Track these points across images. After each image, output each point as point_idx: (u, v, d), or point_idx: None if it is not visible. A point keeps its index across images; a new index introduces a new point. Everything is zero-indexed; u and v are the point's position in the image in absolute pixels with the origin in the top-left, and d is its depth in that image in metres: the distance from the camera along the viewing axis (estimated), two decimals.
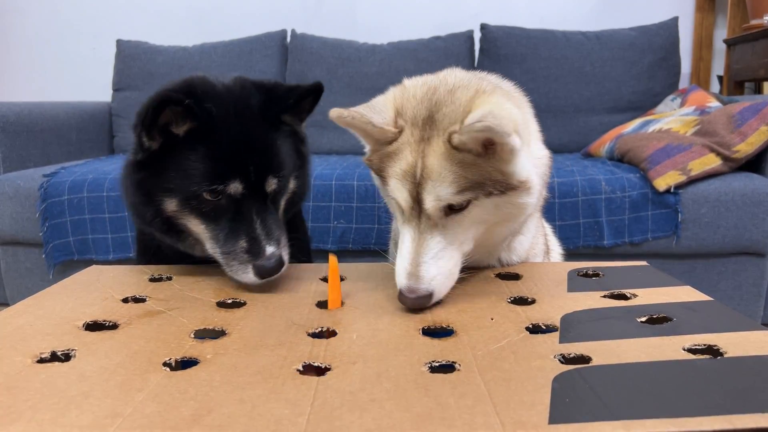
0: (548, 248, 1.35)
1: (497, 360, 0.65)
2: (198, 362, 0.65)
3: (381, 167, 0.92)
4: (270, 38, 3.21)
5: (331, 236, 2.15)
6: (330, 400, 0.56)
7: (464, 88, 0.92)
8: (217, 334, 0.74)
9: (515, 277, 1.01)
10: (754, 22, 2.87)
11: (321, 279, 1.00)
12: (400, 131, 0.90)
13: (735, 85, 3.05)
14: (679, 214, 2.06)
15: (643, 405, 0.54)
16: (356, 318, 0.80)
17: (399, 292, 0.85)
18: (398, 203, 0.91)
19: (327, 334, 0.75)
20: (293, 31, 3.20)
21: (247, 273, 0.95)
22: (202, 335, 0.74)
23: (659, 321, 0.79)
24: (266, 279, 0.95)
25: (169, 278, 1.01)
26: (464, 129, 0.82)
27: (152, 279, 1.01)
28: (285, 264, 0.98)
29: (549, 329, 0.76)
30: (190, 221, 1.00)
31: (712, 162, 2.06)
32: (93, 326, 0.78)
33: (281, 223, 1.03)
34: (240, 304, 0.87)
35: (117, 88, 3.24)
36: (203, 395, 0.57)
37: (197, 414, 0.53)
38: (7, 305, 1.53)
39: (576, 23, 3.37)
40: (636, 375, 0.61)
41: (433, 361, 0.65)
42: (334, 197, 2.14)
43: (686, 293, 0.91)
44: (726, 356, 0.67)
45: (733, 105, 2.19)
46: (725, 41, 3.13)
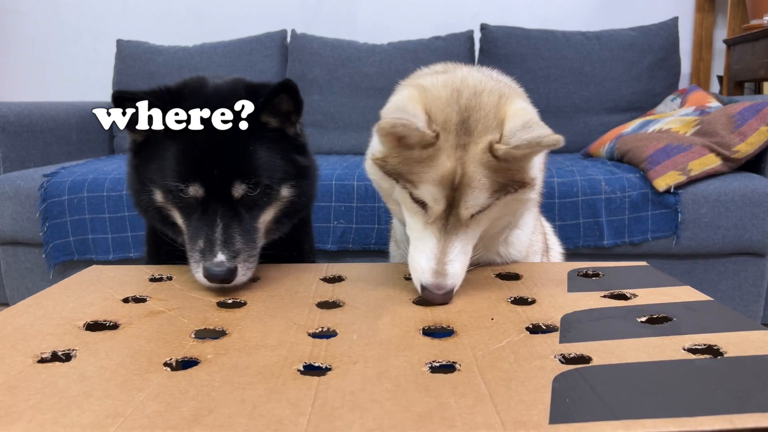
0: (547, 247, 1.35)
1: (497, 360, 0.65)
2: (199, 362, 0.65)
3: (404, 170, 0.90)
4: (270, 38, 3.21)
5: (331, 236, 2.16)
6: (331, 400, 0.56)
7: (488, 93, 0.92)
8: (218, 334, 0.75)
9: (515, 278, 1.01)
10: (754, 23, 2.87)
11: (321, 279, 1.00)
12: (437, 135, 0.88)
13: (735, 86, 3.05)
14: (679, 215, 2.06)
15: (644, 405, 0.54)
16: (356, 318, 0.80)
17: (423, 289, 0.87)
18: (427, 206, 0.90)
19: (327, 335, 0.75)
20: (293, 31, 3.20)
21: (198, 272, 0.95)
22: (203, 335, 0.74)
23: (659, 321, 0.79)
24: (216, 284, 0.94)
25: (170, 278, 1.01)
26: (514, 142, 0.85)
27: (152, 279, 1.01)
28: (240, 276, 0.95)
29: (549, 329, 0.76)
30: (175, 213, 1.02)
31: (712, 162, 2.06)
32: (93, 326, 0.78)
33: (252, 235, 1.00)
34: (240, 304, 0.87)
35: (117, 89, 3.23)
36: (204, 395, 0.57)
37: (198, 414, 0.53)
38: (7, 305, 1.53)
39: (576, 23, 3.37)
40: (636, 375, 0.61)
41: (434, 361, 0.65)
42: (334, 197, 2.14)
43: (686, 293, 0.91)
44: (726, 356, 0.67)
45: (733, 105, 2.19)
46: (725, 41, 3.13)
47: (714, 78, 3.40)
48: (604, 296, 0.90)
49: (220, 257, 0.93)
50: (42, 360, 0.67)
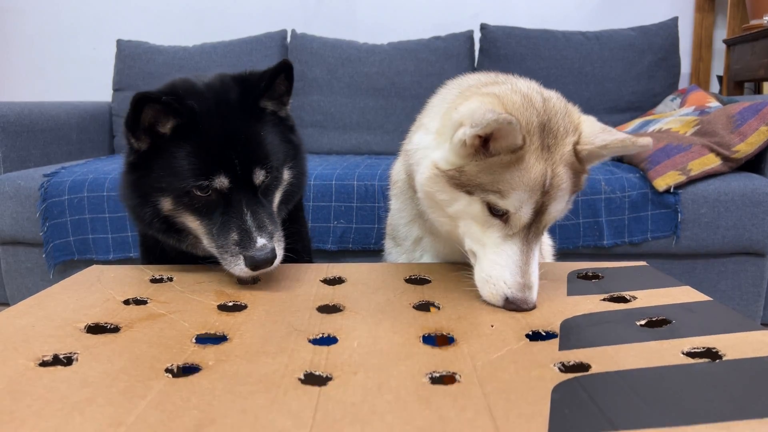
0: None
1: (497, 370, 0.65)
2: (200, 369, 0.65)
3: (487, 180, 0.88)
4: (270, 38, 3.21)
5: (331, 236, 2.16)
6: (332, 412, 0.56)
7: (556, 99, 0.96)
8: (219, 339, 0.75)
9: None
10: (754, 23, 2.87)
11: (321, 281, 1.01)
12: (523, 138, 0.86)
13: (735, 85, 3.05)
14: (679, 214, 2.06)
15: (641, 414, 0.55)
16: (357, 324, 0.80)
17: (507, 301, 0.87)
18: (509, 216, 0.89)
19: (328, 341, 0.75)
20: (293, 31, 3.20)
21: (239, 265, 0.95)
22: (204, 340, 0.74)
23: (658, 324, 0.79)
24: (259, 271, 0.96)
25: (170, 279, 1.01)
26: (599, 142, 0.90)
27: (153, 280, 1.01)
28: (278, 257, 0.97)
29: (549, 335, 0.76)
30: (186, 218, 1.01)
31: (712, 162, 2.06)
32: (95, 328, 0.78)
33: (275, 217, 1.03)
34: (241, 307, 0.87)
35: (117, 88, 3.24)
36: (206, 404, 0.57)
37: (200, 424, 0.53)
38: (8, 305, 1.53)
39: (576, 23, 3.37)
40: (635, 382, 0.61)
41: (434, 372, 0.65)
42: (334, 197, 2.14)
43: (685, 294, 0.91)
44: (724, 359, 0.67)
45: (733, 105, 2.19)
46: (725, 41, 3.13)
47: (714, 78, 3.40)
48: (604, 299, 0.90)
49: (261, 241, 0.95)
50: (44, 363, 0.67)
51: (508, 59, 3.01)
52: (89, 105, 3.11)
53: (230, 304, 0.89)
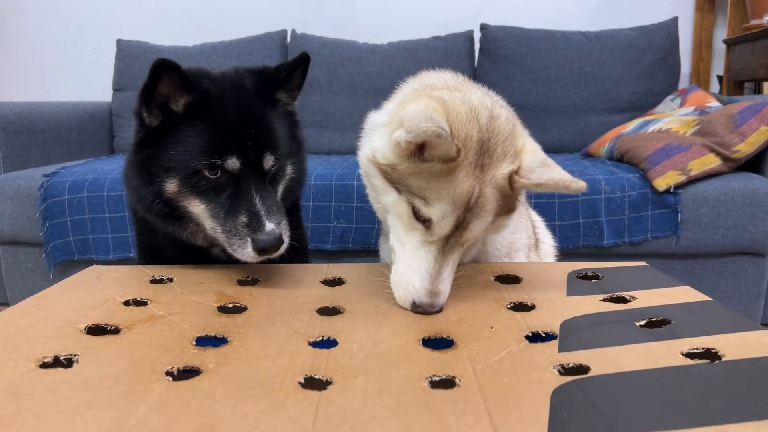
0: (537, 239, 1.36)
1: (497, 374, 0.65)
2: (200, 372, 0.65)
3: (415, 185, 0.89)
4: (270, 38, 3.21)
5: (331, 236, 2.16)
6: (332, 418, 0.56)
7: (504, 120, 0.95)
8: (219, 341, 0.75)
9: (515, 281, 1.01)
10: (754, 22, 2.87)
11: (321, 282, 1.01)
12: (458, 151, 0.87)
13: (735, 85, 3.05)
14: (679, 214, 2.06)
15: (640, 417, 0.55)
16: (356, 326, 0.80)
17: (414, 305, 0.87)
18: (432, 224, 0.90)
19: (328, 344, 0.75)
20: (293, 31, 3.20)
21: (246, 248, 0.96)
22: (204, 342, 0.74)
23: (658, 324, 0.79)
24: (264, 256, 0.96)
25: (170, 280, 1.01)
26: (535, 178, 0.89)
27: (153, 281, 1.01)
28: (285, 243, 0.98)
29: (548, 337, 0.76)
30: (191, 202, 1.01)
31: (712, 162, 2.06)
32: (95, 330, 0.78)
33: (281, 206, 1.03)
34: (241, 309, 0.87)
35: (117, 88, 3.24)
36: (206, 409, 0.57)
37: (201, 429, 0.53)
38: (8, 305, 1.53)
39: (576, 23, 3.36)
40: (634, 385, 0.61)
41: (434, 376, 0.65)
42: (334, 197, 2.14)
43: (685, 294, 0.91)
44: (724, 360, 0.67)
45: (733, 105, 2.19)
46: (725, 41, 3.13)
47: (714, 78, 3.40)
48: (604, 300, 0.90)
49: (270, 225, 0.95)
50: (44, 365, 0.67)
51: (508, 59, 3.01)
52: (89, 105, 3.11)
53: (230, 306, 0.89)
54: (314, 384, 0.63)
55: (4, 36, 3.62)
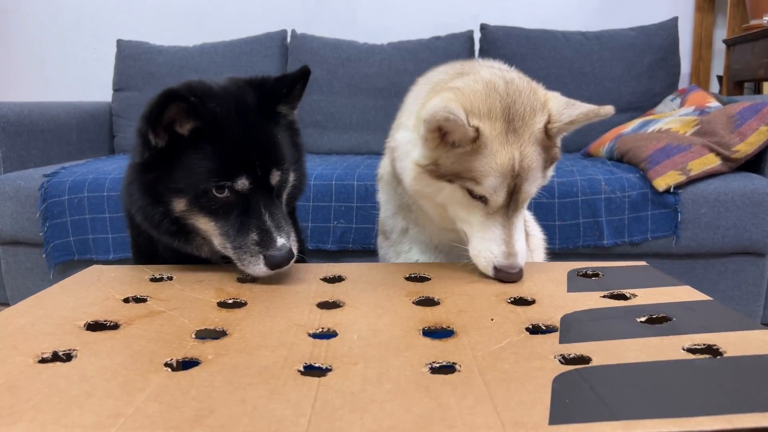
0: (527, 233, 1.36)
1: (498, 361, 0.65)
2: (199, 362, 0.66)
3: (461, 169, 0.95)
4: (270, 38, 3.21)
5: (331, 236, 2.16)
6: (331, 401, 0.56)
7: (518, 79, 1.00)
8: (218, 335, 0.75)
9: None
10: (754, 22, 2.87)
11: (321, 279, 1.01)
12: (477, 129, 0.93)
13: (734, 85, 3.05)
14: (679, 214, 2.06)
15: (643, 405, 0.54)
16: (357, 318, 0.80)
17: (497, 270, 0.96)
18: (488, 198, 0.96)
19: (328, 335, 0.75)
20: (293, 31, 3.21)
21: (258, 265, 0.96)
22: (203, 335, 0.74)
23: (659, 321, 0.79)
24: (276, 270, 0.97)
25: (170, 278, 1.01)
26: (566, 118, 0.94)
27: (153, 279, 1.01)
28: (294, 255, 0.99)
29: (549, 330, 0.76)
30: (199, 220, 1.01)
31: (712, 162, 2.06)
32: (94, 326, 0.78)
33: (287, 218, 1.05)
34: (241, 304, 0.87)
35: (117, 88, 3.24)
36: (205, 396, 0.57)
37: (199, 414, 0.54)
38: (8, 305, 1.53)
39: (576, 23, 3.37)
40: (636, 375, 0.61)
41: (434, 362, 0.65)
42: (334, 197, 2.14)
43: (686, 293, 0.91)
44: (725, 356, 0.67)
45: (733, 105, 2.19)
46: (725, 41, 3.13)
47: (714, 78, 3.40)
48: (604, 296, 0.90)
49: (281, 240, 0.97)
50: (43, 360, 0.67)
51: (508, 59, 2.97)
52: (89, 105, 3.11)
53: (230, 302, 0.89)
54: (313, 371, 0.63)
55: (5, 36, 3.62)
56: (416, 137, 1.01)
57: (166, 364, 0.65)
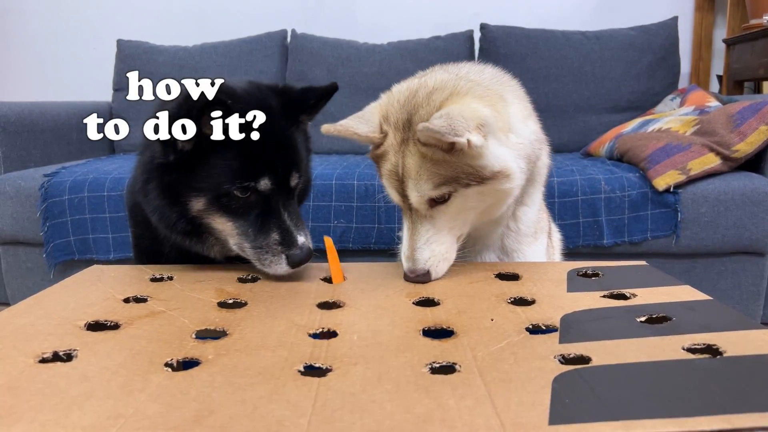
0: (551, 229, 1.37)
1: (497, 361, 0.65)
2: (199, 363, 0.66)
3: (377, 166, 1.04)
4: (270, 38, 3.21)
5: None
6: (331, 402, 0.56)
7: (441, 90, 0.99)
8: (219, 335, 0.75)
9: (515, 278, 1.01)
10: (754, 22, 2.87)
11: (322, 279, 1.01)
12: (385, 136, 1.00)
13: (734, 85, 3.05)
14: (679, 214, 2.06)
15: (643, 405, 0.54)
16: (357, 319, 0.80)
17: (404, 273, 0.99)
18: (392, 198, 1.03)
19: (328, 335, 0.75)
20: (293, 31, 3.20)
21: (280, 264, 0.99)
22: (204, 335, 0.74)
23: (659, 321, 0.79)
24: (297, 268, 1.00)
25: (170, 278, 1.01)
26: (418, 129, 0.89)
27: (153, 279, 1.01)
28: (312, 253, 1.02)
29: (549, 330, 0.76)
30: (216, 219, 1.01)
31: (712, 161, 2.06)
32: (94, 326, 0.78)
33: (302, 217, 1.07)
34: (241, 305, 0.87)
35: (117, 88, 3.24)
36: (205, 396, 0.57)
37: (199, 415, 0.54)
38: (8, 305, 1.53)
39: (576, 23, 3.37)
40: (636, 375, 0.61)
41: (434, 362, 0.65)
42: (334, 197, 2.14)
43: (685, 292, 0.91)
44: (725, 355, 0.67)
45: (733, 104, 2.19)
46: (725, 41, 3.13)
47: (713, 77, 3.40)
48: (604, 296, 0.90)
49: (301, 239, 1.00)
50: (43, 360, 0.67)
51: (508, 59, 3.01)
52: (89, 105, 3.11)
53: (230, 302, 0.89)
54: (314, 372, 0.63)
55: (4, 36, 3.62)
56: None
57: (167, 365, 0.65)
